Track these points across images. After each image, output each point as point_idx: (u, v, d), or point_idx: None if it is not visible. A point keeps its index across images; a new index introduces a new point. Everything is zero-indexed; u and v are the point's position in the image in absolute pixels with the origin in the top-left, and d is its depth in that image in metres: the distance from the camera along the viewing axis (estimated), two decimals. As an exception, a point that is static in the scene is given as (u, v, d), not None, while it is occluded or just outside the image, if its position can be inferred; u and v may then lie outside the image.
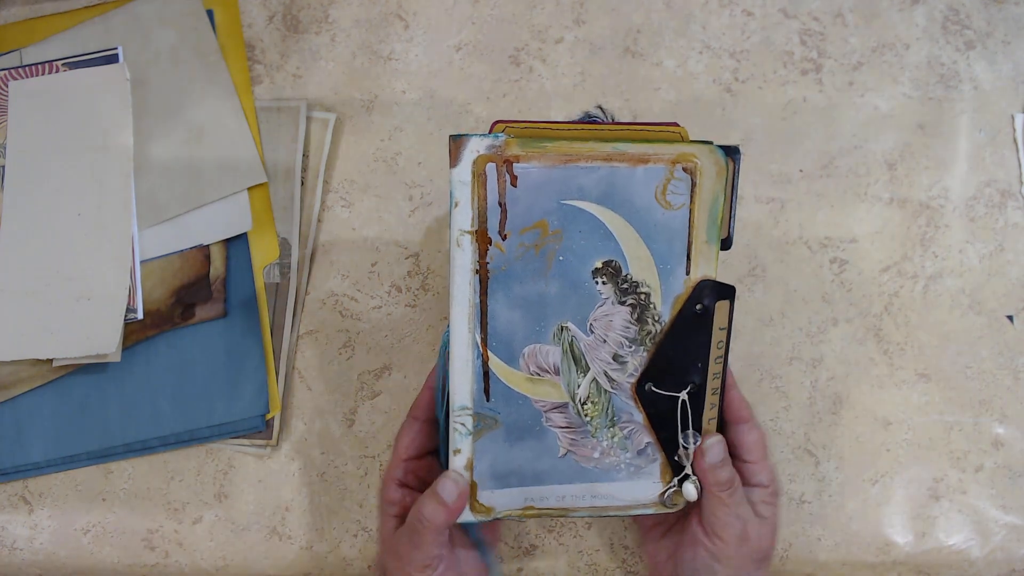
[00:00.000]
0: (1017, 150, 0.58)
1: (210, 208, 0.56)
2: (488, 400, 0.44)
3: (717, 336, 0.44)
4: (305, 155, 0.57)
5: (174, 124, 0.57)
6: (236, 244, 0.56)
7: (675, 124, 0.43)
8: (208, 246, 0.56)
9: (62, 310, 0.54)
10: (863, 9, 0.59)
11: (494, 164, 0.41)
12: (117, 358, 0.53)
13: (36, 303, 0.54)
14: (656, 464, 0.46)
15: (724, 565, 0.45)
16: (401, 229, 0.57)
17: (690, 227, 0.43)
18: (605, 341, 0.44)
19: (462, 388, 0.44)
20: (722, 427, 0.47)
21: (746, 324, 0.56)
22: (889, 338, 0.56)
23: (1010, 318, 0.57)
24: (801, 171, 0.58)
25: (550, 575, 0.54)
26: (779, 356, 0.56)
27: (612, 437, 0.45)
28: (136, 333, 0.54)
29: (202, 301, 0.55)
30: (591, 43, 0.59)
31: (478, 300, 0.43)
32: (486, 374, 0.44)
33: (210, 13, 0.58)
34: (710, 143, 0.42)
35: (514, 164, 0.41)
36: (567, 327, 0.44)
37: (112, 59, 0.57)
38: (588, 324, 0.44)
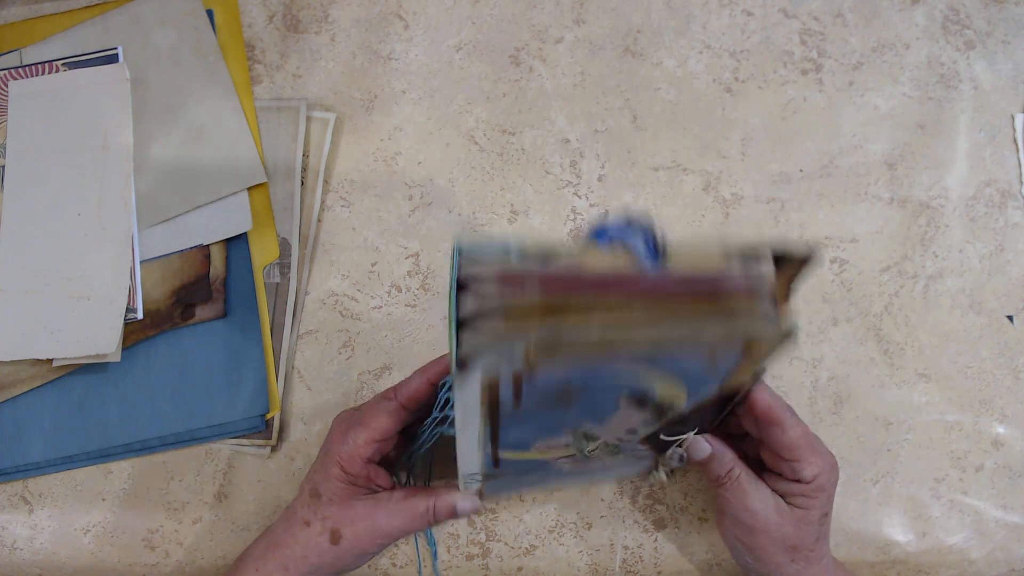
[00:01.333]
0: (1017, 150, 0.58)
1: (210, 208, 0.56)
2: (497, 468, 0.42)
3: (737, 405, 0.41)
4: (305, 155, 0.57)
5: (174, 124, 0.57)
6: (236, 244, 0.56)
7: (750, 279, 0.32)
8: (208, 246, 0.56)
9: (62, 310, 0.54)
10: (863, 9, 0.59)
11: (509, 379, 0.32)
12: (117, 358, 0.53)
13: (36, 303, 0.54)
14: (648, 460, 0.47)
15: (748, 551, 0.46)
16: (401, 229, 0.57)
17: (730, 375, 0.36)
18: (620, 424, 0.40)
19: (471, 462, 0.41)
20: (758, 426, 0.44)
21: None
22: (889, 338, 0.56)
23: (1010, 318, 0.57)
24: (801, 171, 0.58)
25: (550, 575, 0.54)
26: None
27: (612, 455, 0.45)
28: (136, 333, 0.54)
29: (202, 301, 0.55)
30: (591, 43, 0.59)
31: (488, 432, 0.37)
32: (496, 461, 0.41)
33: (210, 13, 0.58)
34: (783, 268, 0.31)
35: (535, 370, 0.31)
36: (580, 427, 0.39)
37: (112, 59, 0.57)
38: (604, 422, 0.39)
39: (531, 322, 0.29)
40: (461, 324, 0.28)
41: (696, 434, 0.44)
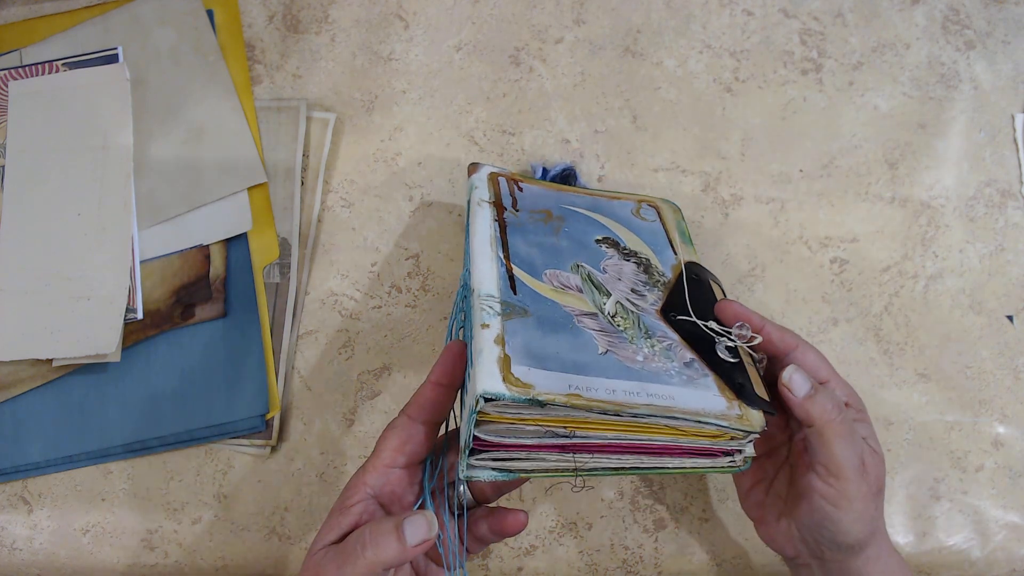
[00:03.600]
0: (1017, 150, 0.58)
1: (210, 208, 0.56)
2: (515, 294, 0.41)
3: (718, 292, 0.48)
4: (305, 155, 0.57)
5: (174, 124, 0.57)
6: (236, 244, 0.56)
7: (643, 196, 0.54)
8: (208, 246, 0.56)
9: (62, 310, 0.53)
10: (863, 9, 0.60)
11: (504, 179, 0.50)
12: (117, 358, 0.53)
13: (36, 303, 0.54)
14: (710, 379, 0.40)
15: (845, 509, 0.40)
16: (401, 229, 0.57)
17: (666, 231, 0.51)
18: (620, 280, 0.46)
19: (488, 281, 0.40)
20: (773, 367, 0.44)
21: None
22: (889, 338, 0.56)
23: (1010, 318, 0.57)
24: (801, 171, 0.58)
25: (550, 575, 0.54)
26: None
27: (652, 347, 0.41)
28: (136, 333, 0.54)
29: (202, 301, 0.55)
30: (591, 43, 0.59)
31: (498, 235, 0.45)
32: (511, 276, 0.42)
33: (210, 13, 0.58)
34: (664, 199, 0.54)
35: (519, 182, 0.51)
36: (582, 265, 0.46)
37: (112, 59, 0.57)
38: (601, 266, 0.47)
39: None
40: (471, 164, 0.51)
41: (713, 327, 0.43)
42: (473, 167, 0.51)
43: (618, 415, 0.37)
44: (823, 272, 0.57)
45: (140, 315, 0.54)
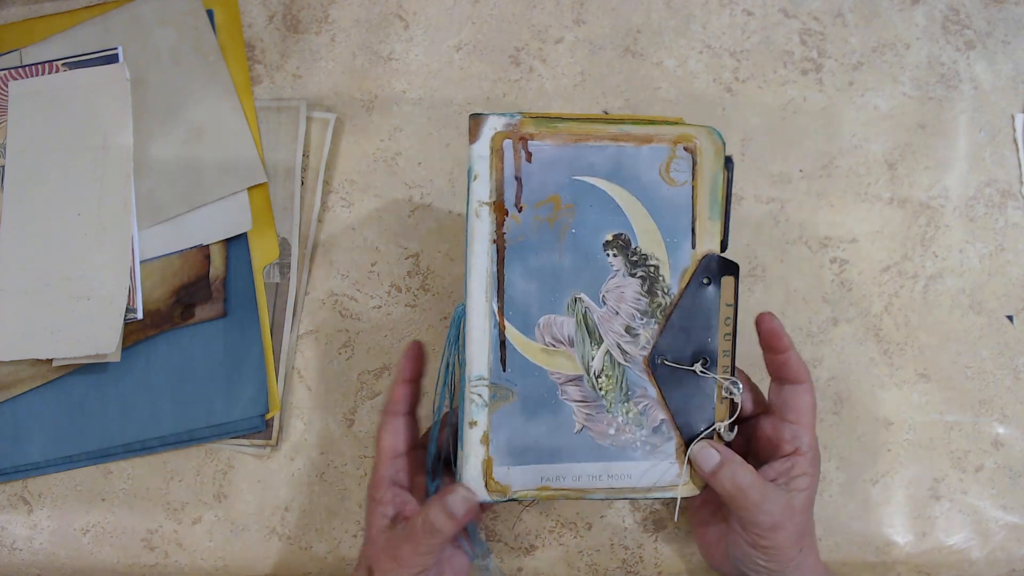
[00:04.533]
0: (1017, 150, 0.58)
1: (210, 208, 0.56)
2: (505, 371, 0.44)
3: (724, 312, 0.46)
4: (305, 155, 0.57)
5: (174, 124, 0.57)
6: (236, 244, 0.56)
7: (676, 118, 0.46)
8: (208, 246, 0.56)
9: (62, 310, 0.54)
10: (863, 9, 0.60)
11: (511, 141, 0.44)
12: (117, 358, 0.53)
13: (36, 303, 0.54)
14: (672, 443, 0.46)
15: (763, 553, 0.45)
16: (401, 229, 0.57)
17: (693, 202, 0.45)
18: (617, 313, 0.45)
19: (479, 358, 0.44)
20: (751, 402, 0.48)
21: (747, 324, 0.56)
22: (889, 338, 0.56)
23: (1010, 318, 0.57)
24: (801, 171, 0.58)
25: (550, 575, 0.54)
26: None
27: (627, 412, 0.45)
28: (136, 333, 0.54)
29: (202, 301, 0.55)
30: (591, 43, 0.59)
31: (495, 269, 0.44)
32: (503, 344, 0.45)
33: (210, 13, 0.58)
34: (708, 127, 0.45)
35: (529, 141, 0.44)
36: (581, 298, 0.45)
37: (112, 59, 0.57)
38: (600, 295, 0.45)
39: (525, 112, 0.45)
40: (474, 116, 0.44)
41: (702, 372, 0.45)
42: (475, 123, 0.44)
43: (579, 497, 0.46)
44: (823, 272, 0.57)
45: (140, 315, 0.54)
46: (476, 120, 0.44)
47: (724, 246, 0.45)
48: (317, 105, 0.58)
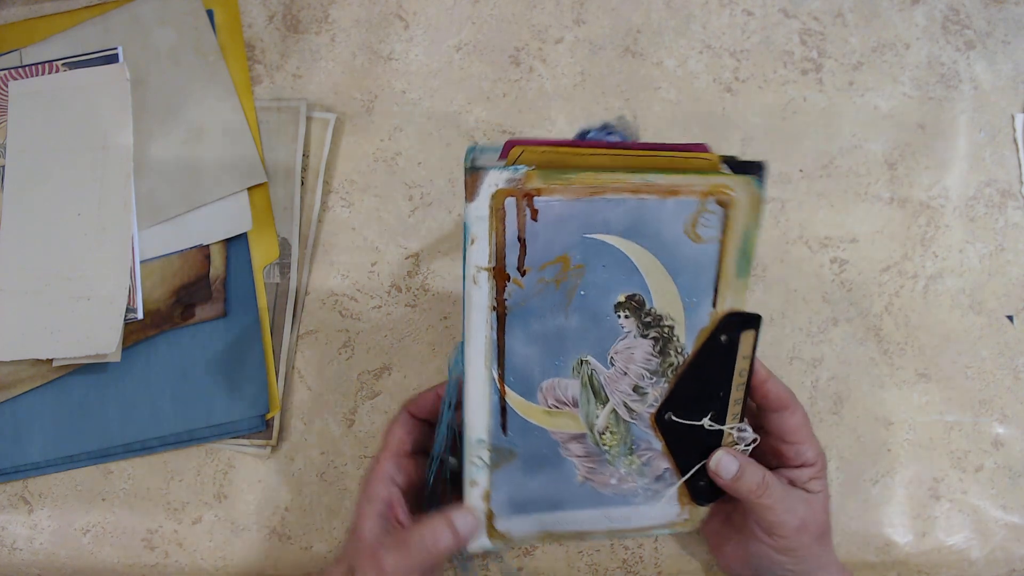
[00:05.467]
0: (1017, 150, 0.58)
1: (210, 208, 0.56)
2: (505, 434, 0.43)
3: (740, 365, 0.43)
4: (305, 155, 0.57)
5: (174, 124, 0.57)
6: (236, 244, 0.56)
7: (703, 147, 0.40)
8: (208, 246, 0.56)
9: (62, 310, 0.54)
10: (863, 9, 0.60)
11: (514, 198, 0.38)
12: (117, 358, 0.53)
13: (36, 303, 0.54)
14: (673, 488, 0.45)
15: (790, 556, 0.45)
16: (401, 229, 0.57)
17: (720, 261, 0.41)
18: (626, 373, 0.43)
19: (478, 422, 0.42)
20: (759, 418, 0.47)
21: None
22: (889, 338, 0.56)
23: (1010, 318, 0.57)
24: (801, 171, 0.58)
25: (550, 575, 0.54)
26: (779, 356, 0.56)
27: (630, 464, 0.44)
28: (136, 333, 0.54)
29: (202, 301, 0.55)
30: (591, 43, 0.59)
31: (495, 336, 0.41)
32: (503, 409, 0.42)
33: (210, 13, 0.58)
34: (739, 171, 0.39)
35: (535, 198, 0.38)
36: (587, 360, 0.42)
37: (112, 59, 0.57)
38: (608, 357, 0.42)
39: (532, 157, 0.38)
40: (471, 170, 0.38)
41: (710, 425, 0.44)
42: (472, 179, 0.38)
43: (579, 539, 0.46)
44: (823, 272, 0.57)
45: (140, 315, 0.54)
46: (474, 176, 0.38)
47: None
48: (317, 105, 0.58)
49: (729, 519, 0.49)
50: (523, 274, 0.40)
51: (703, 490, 0.46)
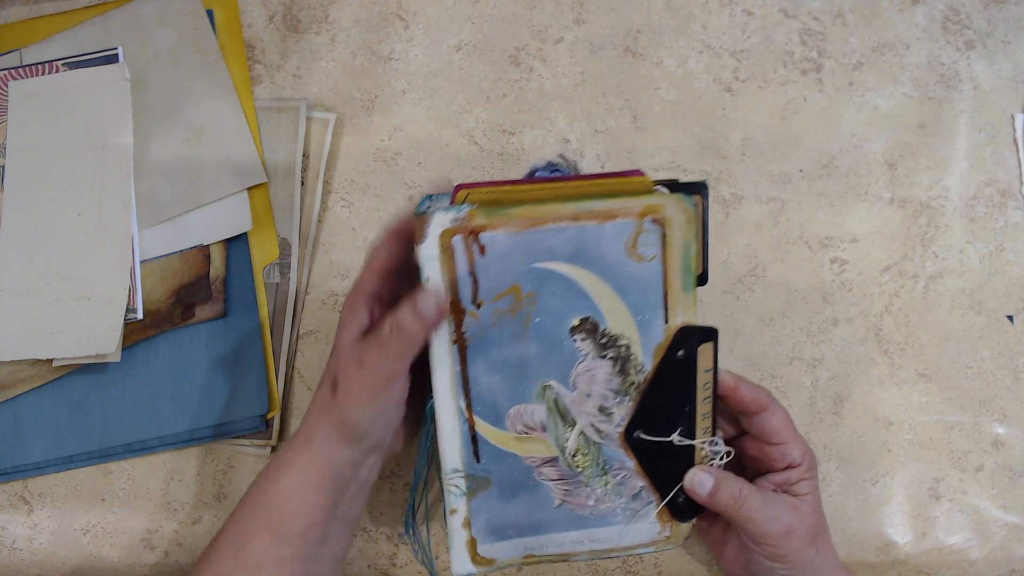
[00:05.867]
0: (1017, 150, 0.58)
1: (210, 208, 0.56)
2: (479, 461, 0.44)
3: (703, 378, 0.44)
4: (305, 155, 0.57)
5: (174, 124, 0.57)
6: (236, 244, 0.56)
7: (638, 172, 0.42)
8: (208, 246, 0.56)
9: (62, 310, 0.54)
10: (863, 9, 0.60)
11: (461, 236, 0.40)
12: (117, 358, 0.53)
13: (36, 303, 0.54)
14: (651, 506, 0.46)
15: (781, 563, 0.45)
16: (401, 229, 0.57)
17: (665, 277, 0.42)
18: (589, 395, 0.44)
19: (451, 452, 0.44)
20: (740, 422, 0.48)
21: (746, 324, 0.56)
22: (889, 338, 0.56)
23: (1010, 318, 0.57)
24: (801, 171, 0.58)
25: (550, 575, 0.54)
26: (779, 356, 0.56)
27: (605, 485, 0.45)
28: (136, 333, 0.54)
29: (202, 301, 0.55)
30: (591, 43, 0.59)
31: (459, 368, 0.43)
32: (474, 438, 0.44)
33: (210, 13, 0.58)
34: (677, 192, 0.41)
35: (480, 234, 0.41)
36: (550, 385, 0.44)
37: (112, 59, 0.57)
38: (571, 380, 0.44)
39: (477, 197, 0.41)
40: (419, 215, 0.40)
41: (680, 440, 0.45)
42: (420, 223, 0.40)
43: (564, 561, 0.47)
44: (823, 272, 0.57)
45: (140, 315, 0.54)
46: (421, 219, 0.40)
47: (704, 279, 0.43)
48: (317, 105, 0.58)
49: (728, 526, 0.49)
50: (478, 307, 0.42)
51: (682, 507, 0.46)
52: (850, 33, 0.59)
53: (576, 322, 0.43)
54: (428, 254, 0.41)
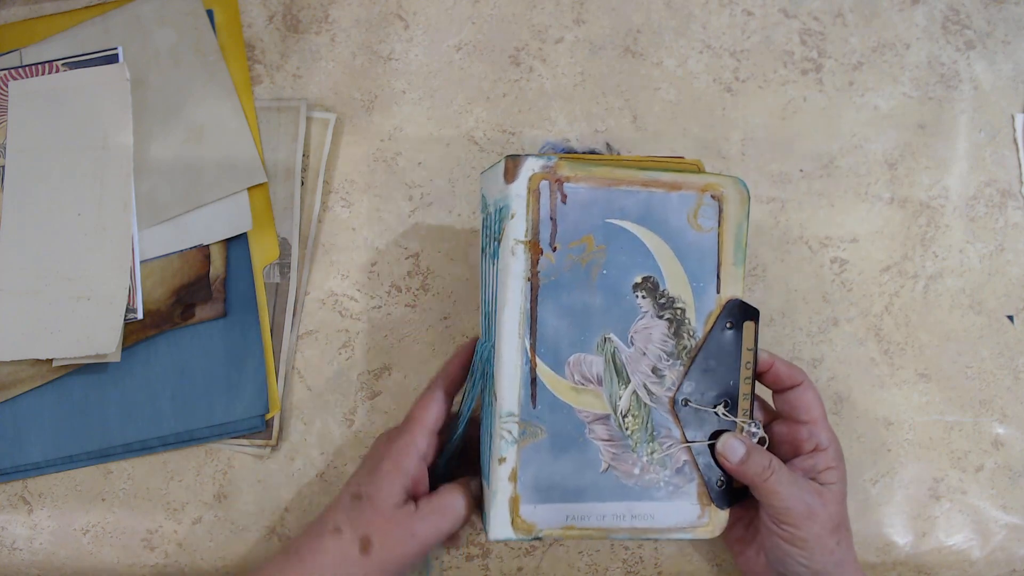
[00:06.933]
0: (1017, 150, 0.58)
1: (210, 208, 0.56)
2: (535, 407, 0.45)
3: (745, 356, 0.47)
4: (305, 155, 0.57)
5: (174, 124, 0.57)
6: (236, 244, 0.56)
7: (683, 158, 0.48)
8: (208, 246, 0.56)
9: (62, 310, 0.54)
10: (863, 9, 0.60)
11: (547, 182, 0.45)
12: (117, 358, 0.53)
13: (36, 303, 0.54)
14: (693, 484, 0.47)
15: (801, 547, 0.45)
16: (401, 229, 0.57)
17: (719, 248, 0.46)
18: (645, 354, 0.46)
19: (510, 394, 0.45)
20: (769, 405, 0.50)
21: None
22: (889, 338, 0.56)
23: (1010, 318, 0.57)
24: (801, 171, 0.58)
25: (550, 575, 0.54)
26: (780, 356, 0.56)
27: (652, 453, 0.46)
28: (136, 333, 0.54)
29: (202, 301, 0.55)
30: (591, 43, 0.59)
31: (528, 307, 0.45)
32: (533, 380, 0.45)
33: (210, 13, 0.58)
34: (734, 177, 0.46)
35: (564, 184, 0.45)
36: (610, 338, 0.46)
37: (112, 59, 0.57)
38: (629, 336, 0.46)
39: (559, 157, 0.45)
40: (512, 157, 0.45)
41: (724, 415, 0.47)
42: (512, 164, 0.44)
43: (603, 538, 0.47)
44: (823, 272, 0.57)
45: (140, 315, 0.54)
46: (514, 161, 0.44)
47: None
48: (317, 105, 0.58)
49: (750, 524, 0.49)
50: (554, 250, 0.45)
51: (722, 492, 0.47)
52: (850, 33, 0.59)
53: (639, 279, 0.46)
54: (516, 192, 0.44)
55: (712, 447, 0.47)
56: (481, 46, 0.59)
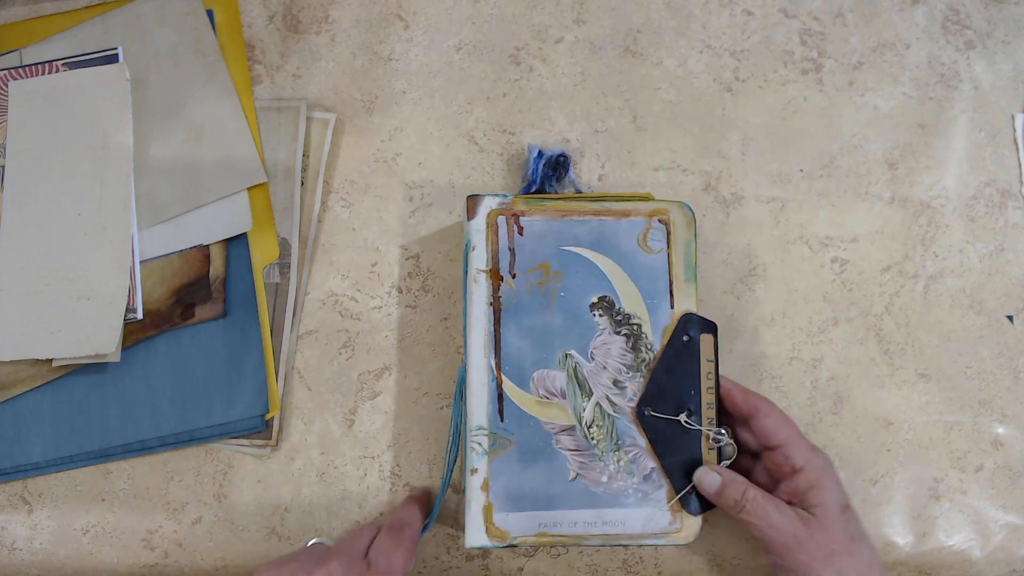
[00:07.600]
0: (1017, 150, 0.58)
1: (210, 208, 0.56)
2: (502, 421, 0.49)
3: (705, 367, 0.50)
4: (305, 155, 0.57)
5: (174, 124, 0.57)
6: (236, 244, 0.56)
7: (646, 194, 0.52)
8: (208, 246, 0.56)
9: (62, 310, 0.54)
10: (863, 9, 0.60)
11: (504, 217, 0.50)
12: (117, 358, 0.53)
13: (36, 303, 0.54)
14: (662, 491, 0.49)
15: (793, 573, 0.45)
16: (401, 229, 0.57)
17: (670, 267, 0.50)
18: (605, 367, 0.49)
19: (478, 409, 0.49)
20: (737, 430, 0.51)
21: (746, 324, 0.56)
22: (889, 338, 0.56)
23: (1010, 318, 0.57)
24: (801, 171, 0.58)
25: (550, 575, 0.54)
26: (779, 356, 0.56)
27: (618, 461, 0.49)
28: (136, 333, 0.54)
29: (202, 301, 0.55)
30: (591, 43, 0.59)
31: (492, 329, 0.49)
32: (500, 396, 0.49)
33: (210, 13, 0.58)
34: (679, 202, 0.51)
35: (520, 217, 0.50)
36: (571, 354, 0.49)
37: (112, 59, 0.57)
38: (589, 352, 0.49)
39: (517, 196, 0.51)
40: (471, 197, 0.50)
41: (688, 423, 0.48)
42: (472, 203, 0.50)
43: (576, 544, 0.49)
44: (823, 272, 0.57)
45: (140, 315, 0.54)
46: (473, 200, 0.50)
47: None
48: (317, 105, 0.58)
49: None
50: (513, 276, 0.50)
51: (692, 500, 0.48)
52: (850, 33, 0.59)
53: (595, 299, 0.50)
54: (476, 228, 0.50)
55: (684, 462, 0.48)
56: (481, 46, 0.59)
